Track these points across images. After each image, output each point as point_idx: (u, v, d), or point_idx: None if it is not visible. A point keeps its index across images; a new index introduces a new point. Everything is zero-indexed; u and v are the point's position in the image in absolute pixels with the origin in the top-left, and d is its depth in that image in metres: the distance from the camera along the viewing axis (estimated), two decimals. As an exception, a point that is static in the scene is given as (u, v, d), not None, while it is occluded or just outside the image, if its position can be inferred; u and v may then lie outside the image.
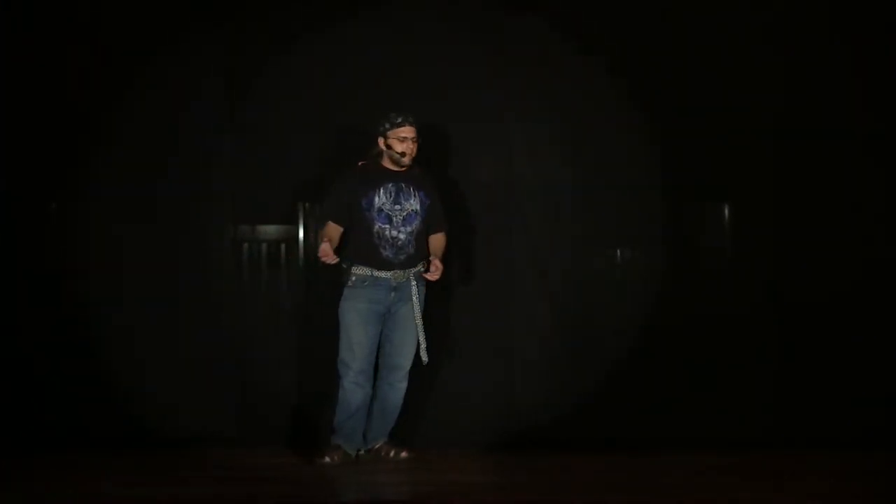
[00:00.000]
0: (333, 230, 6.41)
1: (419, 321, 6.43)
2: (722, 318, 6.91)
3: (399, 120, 6.41)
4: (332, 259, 6.27)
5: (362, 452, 6.53)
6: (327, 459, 6.38)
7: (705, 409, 6.84)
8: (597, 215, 6.97)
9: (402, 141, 6.41)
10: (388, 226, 6.39)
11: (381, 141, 6.45)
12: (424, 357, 6.44)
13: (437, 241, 6.56)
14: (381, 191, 6.41)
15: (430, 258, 6.44)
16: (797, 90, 6.90)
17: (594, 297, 6.97)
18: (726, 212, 6.97)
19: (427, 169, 6.56)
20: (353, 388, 6.36)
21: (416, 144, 6.43)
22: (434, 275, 6.41)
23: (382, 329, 6.44)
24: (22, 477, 6.15)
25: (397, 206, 6.42)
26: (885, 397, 6.83)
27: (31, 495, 5.75)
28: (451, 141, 6.97)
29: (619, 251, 7.00)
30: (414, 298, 6.42)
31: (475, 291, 6.94)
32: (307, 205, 7.02)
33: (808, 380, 6.88)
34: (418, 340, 6.42)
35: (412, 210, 6.45)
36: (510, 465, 6.44)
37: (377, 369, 6.50)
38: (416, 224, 6.45)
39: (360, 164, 6.51)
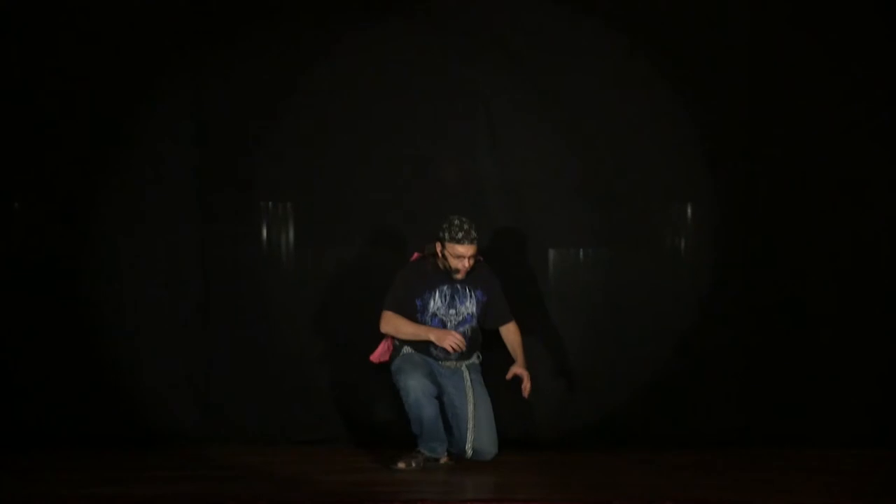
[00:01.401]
0: (399, 318, 6.25)
1: (470, 410, 6.27)
2: (718, 319, 6.92)
3: (460, 236, 6.18)
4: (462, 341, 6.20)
5: (443, 461, 6.32)
6: (401, 465, 6.17)
7: (704, 409, 6.87)
8: (591, 217, 6.96)
9: (458, 258, 6.21)
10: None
11: (438, 246, 6.26)
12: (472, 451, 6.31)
13: (511, 334, 6.44)
14: (437, 294, 6.28)
15: (513, 367, 6.34)
16: (796, 90, 6.90)
17: (592, 298, 6.96)
18: (721, 213, 6.96)
19: (483, 261, 6.40)
20: (417, 401, 6.15)
21: (472, 261, 6.26)
22: (526, 386, 6.32)
23: (444, 396, 6.29)
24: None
25: (452, 311, 6.29)
26: (881, 396, 6.87)
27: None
28: (449, 142, 6.95)
29: (614, 252, 6.97)
30: (468, 390, 6.30)
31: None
32: (290, 205, 6.98)
33: (806, 380, 6.91)
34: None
35: (467, 313, 6.33)
36: (511, 464, 6.40)
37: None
38: (470, 324, 6.35)
39: (416, 255, 6.39)
